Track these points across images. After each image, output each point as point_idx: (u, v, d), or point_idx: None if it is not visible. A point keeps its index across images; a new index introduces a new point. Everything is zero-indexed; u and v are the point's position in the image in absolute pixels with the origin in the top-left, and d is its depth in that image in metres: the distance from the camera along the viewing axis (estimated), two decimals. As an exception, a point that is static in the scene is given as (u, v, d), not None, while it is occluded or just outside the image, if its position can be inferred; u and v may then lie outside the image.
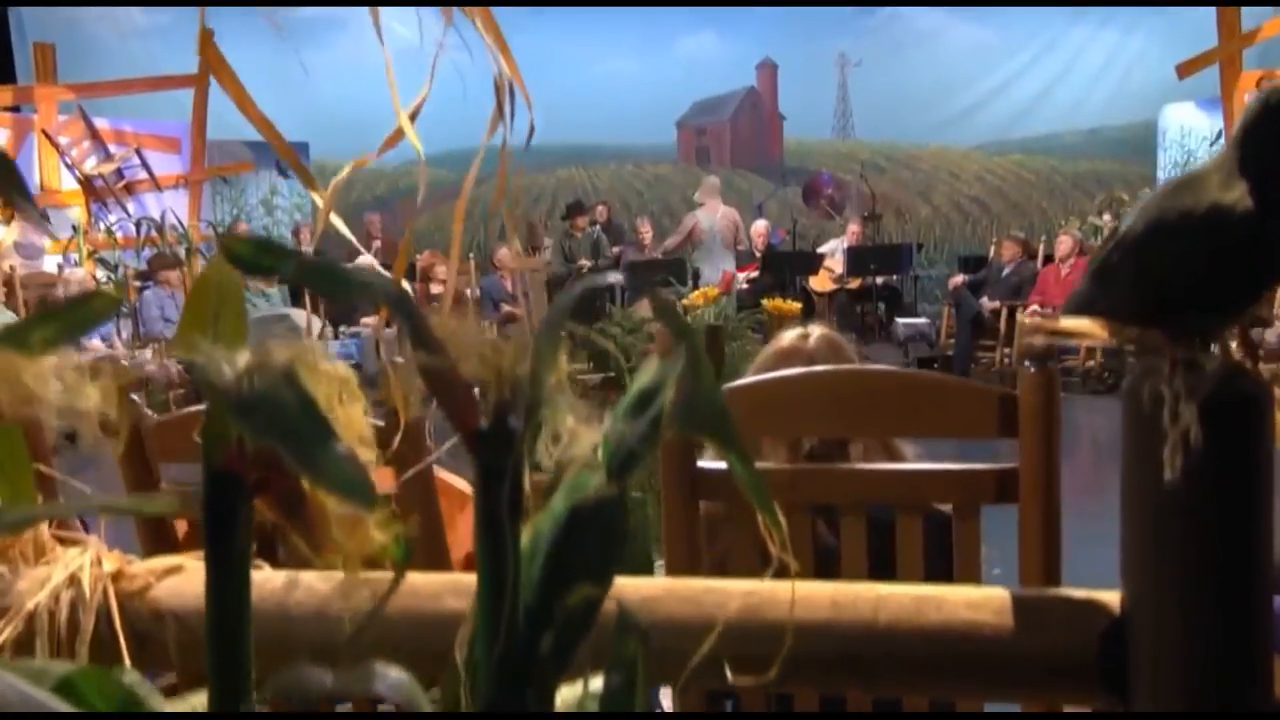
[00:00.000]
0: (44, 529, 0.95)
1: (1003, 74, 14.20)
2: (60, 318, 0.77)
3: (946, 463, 1.35)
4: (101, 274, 10.02)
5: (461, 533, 1.62)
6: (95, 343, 8.57)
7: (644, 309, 7.65)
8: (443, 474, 1.54)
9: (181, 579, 0.95)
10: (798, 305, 6.28)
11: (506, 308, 9.96)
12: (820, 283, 11.25)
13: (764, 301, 6.32)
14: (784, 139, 14.71)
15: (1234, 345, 0.80)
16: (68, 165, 10.18)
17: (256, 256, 0.60)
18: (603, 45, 13.76)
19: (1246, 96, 10.53)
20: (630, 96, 14.03)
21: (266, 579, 0.92)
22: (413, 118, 1.04)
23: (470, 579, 0.88)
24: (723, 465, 1.39)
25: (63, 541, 1.02)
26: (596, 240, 10.89)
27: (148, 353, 8.45)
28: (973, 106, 14.43)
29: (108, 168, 10.25)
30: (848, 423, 1.34)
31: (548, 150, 14.66)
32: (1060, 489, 1.24)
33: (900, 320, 10.13)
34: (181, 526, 1.64)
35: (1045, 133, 14.41)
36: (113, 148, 10.45)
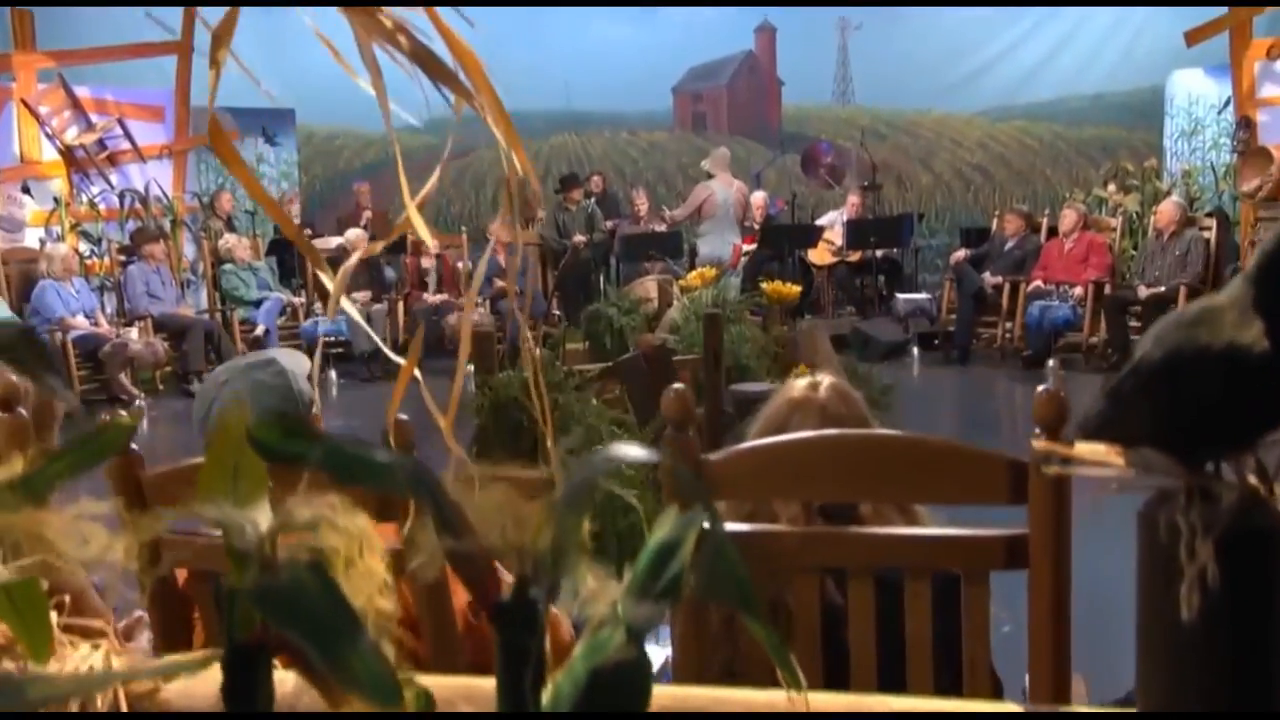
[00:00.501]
0: (54, 622, 0.96)
1: (1007, 38, 14.13)
2: (70, 455, 0.79)
3: (957, 519, 1.37)
4: (84, 247, 9.99)
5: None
6: (80, 320, 8.56)
7: (640, 289, 7.65)
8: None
9: (192, 680, 0.97)
10: (796, 289, 6.30)
11: (499, 282, 9.94)
12: (819, 255, 11.25)
13: (763, 284, 6.33)
14: (782, 105, 14.64)
15: (1250, 475, 0.82)
16: (48, 135, 10.11)
17: (283, 443, 0.62)
18: (596, 9, 13.65)
19: (1256, 64, 10.51)
20: (625, 61, 13.93)
21: (278, 681, 0.93)
22: (421, 208, 1.04)
23: (487, 685, 0.90)
24: (736, 526, 1.41)
25: (72, 631, 1.03)
26: (591, 214, 10.84)
27: (133, 331, 8.44)
28: (976, 71, 14.36)
29: (89, 138, 10.19)
30: (857, 487, 1.36)
31: (540, 116, 14.59)
32: (1071, 558, 1.26)
33: (900, 295, 10.14)
34: (183, 573, 1.66)
35: (1050, 98, 14.34)
36: (94, 117, 10.38)
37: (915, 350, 9.88)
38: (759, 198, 11.65)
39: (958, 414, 8.21)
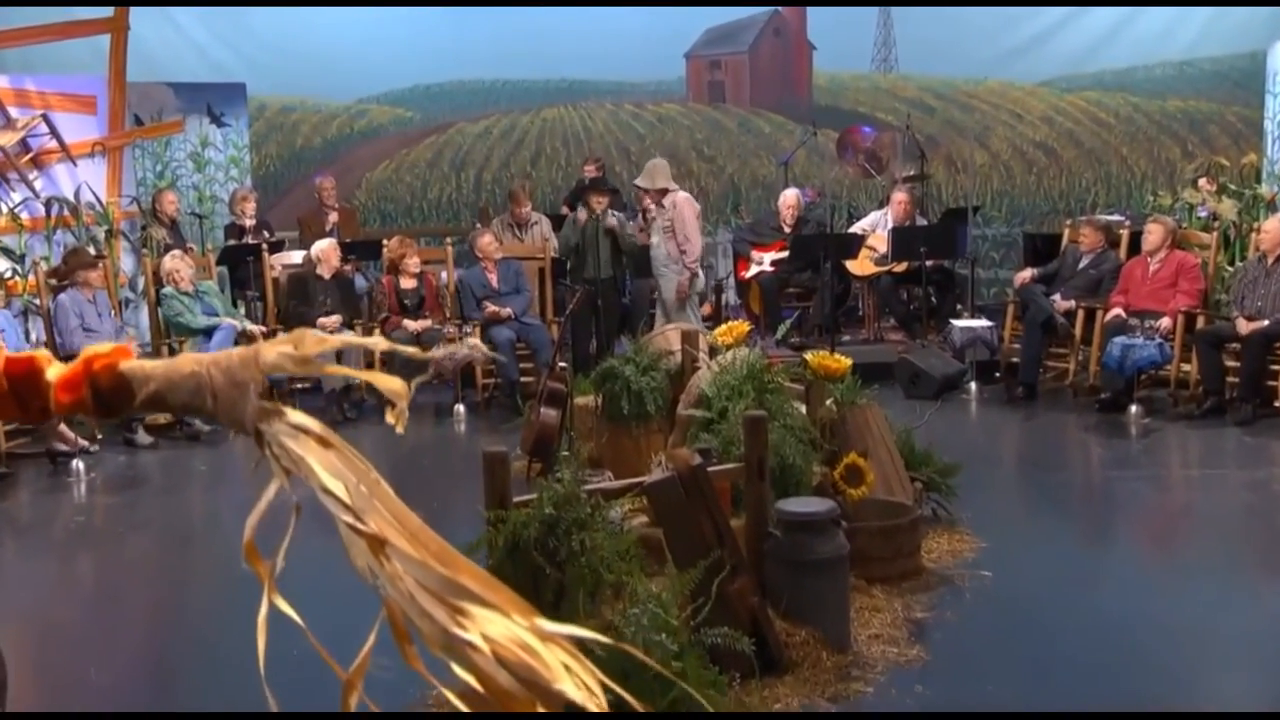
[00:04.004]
0: None
1: (1076, -5, 14.10)
2: None
3: None
4: (4, 264, 9.96)
5: None
6: (4, 363, 8.52)
7: (660, 340, 7.67)
8: None
9: None
10: (846, 361, 6.31)
11: (491, 306, 9.94)
12: (860, 266, 11.24)
13: (807, 355, 6.35)
14: (814, 73, 14.60)
15: None
16: (-41, 135, 10.09)
17: None
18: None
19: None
20: (631, 23, 13.90)
21: None
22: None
23: None
24: None
25: None
26: (620, 226, 10.55)
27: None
28: (1040, 34, 14.33)
29: (9, 138, 10.12)
30: None
31: (534, 86, 14.54)
32: None
33: (956, 324, 10.09)
34: None
35: (1126, 65, 14.32)
36: (14, 112, 10.31)
37: (973, 386, 9.87)
38: (791, 197, 11.59)
39: (1027, 480, 8.20)
